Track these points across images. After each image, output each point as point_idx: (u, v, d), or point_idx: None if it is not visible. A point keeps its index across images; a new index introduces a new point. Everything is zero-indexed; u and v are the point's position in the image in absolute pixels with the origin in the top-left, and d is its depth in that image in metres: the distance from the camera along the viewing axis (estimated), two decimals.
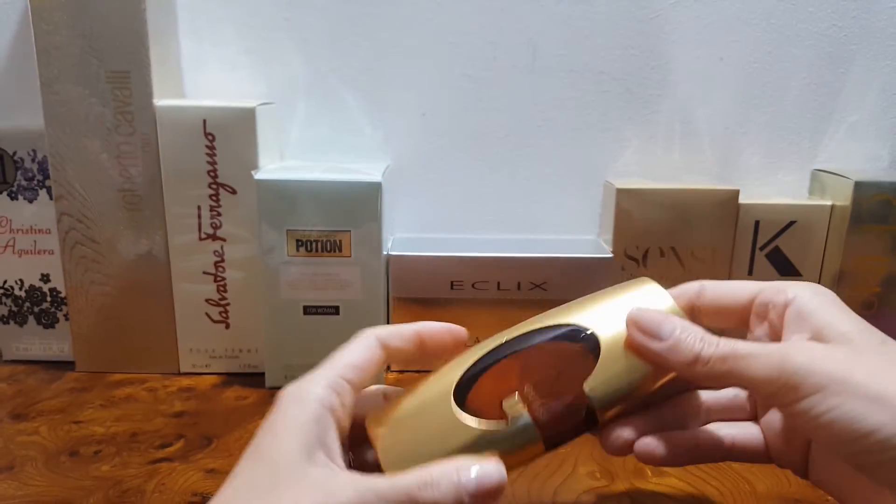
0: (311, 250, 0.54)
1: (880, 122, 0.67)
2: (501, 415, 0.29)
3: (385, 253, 0.57)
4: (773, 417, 0.34)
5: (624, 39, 0.64)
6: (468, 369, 0.30)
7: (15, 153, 0.59)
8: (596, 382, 0.29)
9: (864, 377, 0.26)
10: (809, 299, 0.30)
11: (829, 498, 0.42)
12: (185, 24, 0.63)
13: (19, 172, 0.59)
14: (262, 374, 0.58)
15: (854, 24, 0.64)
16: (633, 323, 0.30)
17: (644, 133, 0.67)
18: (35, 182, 0.59)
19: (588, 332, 0.30)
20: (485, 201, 0.68)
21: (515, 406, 0.29)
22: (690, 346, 0.28)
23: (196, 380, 0.59)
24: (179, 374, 0.60)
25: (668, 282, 0.34)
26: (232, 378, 0.59)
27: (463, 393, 0.30)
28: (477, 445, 0.29)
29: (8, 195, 0.59)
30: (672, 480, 0.44)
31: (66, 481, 0.43)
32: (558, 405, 0.29)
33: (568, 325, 0.31)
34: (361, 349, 0.31)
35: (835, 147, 0.67)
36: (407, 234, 0.67)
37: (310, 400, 0.28)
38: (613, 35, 0.64)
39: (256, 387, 0.57)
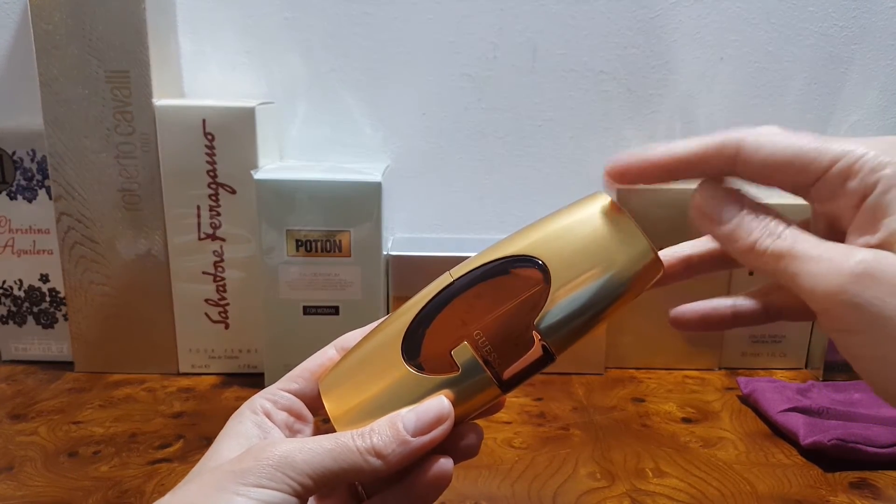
0: (310, 250, 0.54)
1: (881, 122, 0.67)
2: (454, 363, 0.28)
3: (385, 253, 0.57)
4: None
5: (624, 39, 0.64)
6: (415, 318, 0.29)
7: (14, 153, 0.58)
8: (548, 316, 0.27)
9: None
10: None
11: (830, 499, 0.42)
12: (185, 23, 0.63)
13: (18, 172, 0.59)
14: (262, 374, 0.58)
15: (854, 23, 0.64)
16: (696, 206, 0.27)
17: (644, 133, 0.66)
18: (34, 182, 0.59)
19: (539, 263, 0.29)
20: (485, 201, 0.68)
21: (463, 353, 0.28)
22: (749, 232, 0.25)
23: (195, 380, 0.59)
24: (179, 374, 0.60)
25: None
26: (231, 378, 0.59)
27: (414, 343, 0.29)
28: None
29: (7, 195, 0.59)
30: (673, 481, 0.44)
31: (65, 482, 0.43)
32: (509, 346, 0.28)
33: (517, 256, 0.29)
34: (317, 357, 0.31)
35: None
36: (407, 234, 0.67)
37: (243, 410, 0.29)
38: (613, 35, 0.64)
39: (256, 387, 0.56)
